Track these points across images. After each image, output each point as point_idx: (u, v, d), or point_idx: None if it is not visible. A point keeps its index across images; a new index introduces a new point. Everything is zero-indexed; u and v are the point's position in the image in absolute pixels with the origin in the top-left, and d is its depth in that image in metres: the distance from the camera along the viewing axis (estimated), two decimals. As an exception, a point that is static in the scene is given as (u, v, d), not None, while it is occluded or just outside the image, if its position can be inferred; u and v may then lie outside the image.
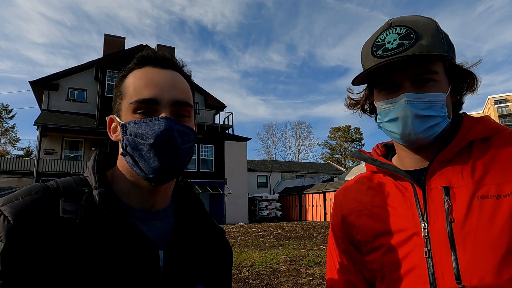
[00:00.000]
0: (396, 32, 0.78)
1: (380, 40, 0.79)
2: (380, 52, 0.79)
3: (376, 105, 0.85)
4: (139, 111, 0.71)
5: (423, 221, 0.77)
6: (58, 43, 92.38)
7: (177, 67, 0.79)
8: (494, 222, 0.69)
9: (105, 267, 0.64)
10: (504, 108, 73.01)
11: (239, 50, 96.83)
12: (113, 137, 0.78)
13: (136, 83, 0.73)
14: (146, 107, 0.71)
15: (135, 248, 0.68)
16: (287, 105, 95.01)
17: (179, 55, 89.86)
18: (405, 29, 0.77)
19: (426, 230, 0.76)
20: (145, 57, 0.76)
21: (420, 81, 0.77)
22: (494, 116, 71.13)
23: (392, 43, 0.77)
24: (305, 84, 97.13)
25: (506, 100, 73.47)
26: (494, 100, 74.43)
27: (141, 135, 0.69)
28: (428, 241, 0.75)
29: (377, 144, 1.00)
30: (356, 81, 0.84)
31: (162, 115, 0.70)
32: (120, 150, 0.74)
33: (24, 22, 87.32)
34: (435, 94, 0.77)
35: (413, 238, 0.78)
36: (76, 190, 0.70)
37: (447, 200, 0.75)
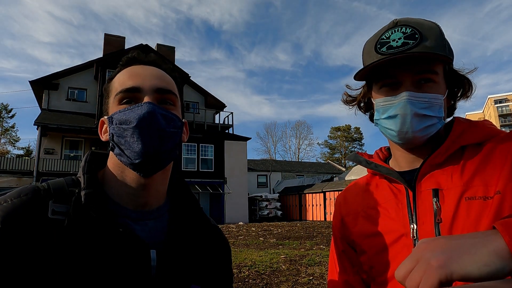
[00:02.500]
0: (401, 31, 0.79)
1: (385, 38, 0.80)
2: (384, 49, 0.79)
3: (374, 102, 0.86)
4: (124, 101, 0.73)
5: (413, 222, 0.78)
6: (64, 42, 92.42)
7: (161, 67, 0.81)
8: (480, 223, 0.70)
9: (94, 267, 0.64)
10: (504, 108, 72.87)
11: (245, 49, 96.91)
12: (103, 137, 0.78)
13: (121, 78, 0.76)
14: (130, 95, 0.73)
15: (125, 248, 0.68)
16: (291, 104, 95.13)
17: (186, 54, 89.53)
18: (410, 29, 0.78)
19: (414, 231, 0.77)
20: (130, 58, 0.79)
21: (421, 80, 0.78)
22: (494, 116, 71.04)
23: (397, 41, 0.78)
24: (310, 83, 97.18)
25: (506, 100, 73.38)
26: (494, 100, 74.32)
27: (125, 121, 0.70)
28: (416, 242, 0.76)
29: (381, 148, 1.01)
30: (358, 76, 0.85)
31: (145, 99, 0.72)
32: (110, 145, 0.75)
33: (31, 21, 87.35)
34: (434, 95, 0.78)
35: (401, 239, 0.79)
36: (66, 191, 0.70)
37: (435, 202, 0.76)
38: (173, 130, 0.73)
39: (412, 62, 0.77)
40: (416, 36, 0.77)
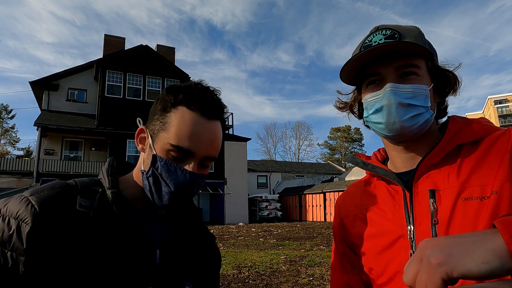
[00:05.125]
0: (382, 33, 0.83)
1: (368, 41, 0.84)
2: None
3: (363, 101, 0.88)
4: (172, 154, 0.78)
5: (410, 223, 0.79)
6: (67, 42, 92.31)
7: (221, 117, 0.84)
8: (477, 223, 0.70)
9: (109, 257, 0.72)
10: (504, 108, 72.87)
11: (248, 49, 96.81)
12: (138, 146, 0.86)
13: (182, 128, 0.77)
14: (181, 155, 0.78)
15: (137, 244, 0.77)
16: (293, 105, 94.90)
17: (188, 54, 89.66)
18: (390, 31, 0.82)
19: (412, 232, 0.78)
20: (198, 100, 0.79)
21: (403, 74, 0.81)
22: (494, 116, 71.01)
23: (378, 43, 0.81)
24: (312, 84, 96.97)
25: (506, 100, 73.39)
26: (494, 100, 74.32)
27: (165, 178, 0.78)
28: (413, 243, 0.77)
29: (379, 149, 1.02)
30: (343, 76, 0.87)
31: (190, 167, 0.78)
32: (142, 166, 0.82)
33: (34, 21, 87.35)
34: (418, 85, 0.80)
35: (399, 241, 0.79)
36: (91, 189, 0.80)
37: (432, 203, 0.76)
38: (198, 188, 0.83)
39: (393, 57, 0.80)
40: (396, 36, 0.81)
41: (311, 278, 5.80)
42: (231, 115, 27.26)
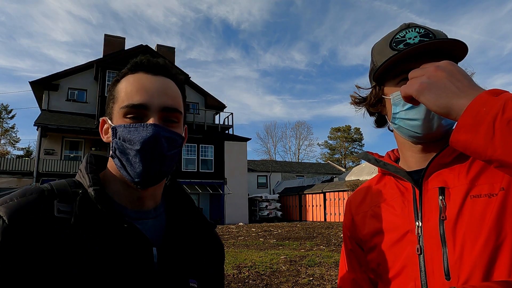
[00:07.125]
0: (416, 31, 0.83)
1: (400, 37, 0.83)
2: (401, 46, 0.82)
3: (390, 97, 0.86)
4: (129, 116, 0.74)
5: (418, 219, 0.80)
6: (81, 41, 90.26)
7: (169, 74, 0.81)
8: (484, 220, 0.71)
9: (100, 263, 0.66)
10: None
11: (261, 48, 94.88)
12: (104, 138, 0.81)
13: (128, 88, 0.76)
14: (136, 112, 0.74)
15: (130, 244, 0.71)
16: (302, 104, 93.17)
17: (201, 54, 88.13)
18: (423, 30, 0.83)
19: (419, 228, 0.79)
20: (138, 63, 0.79)
21: None
22: (494, 116, 70.75)
23: (414, 39, 0.81)
24: (323, 83, 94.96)
25: None
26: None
27: (129, 140, 0.72)
28: (420, 238, 0.78)
29: (393, 149, 1.02)
30: (378, 72, 0.85)
31: (151, 121, 0.73)
32: (110, 152, 0.77)
33: (50, 20, 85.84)
34: None
35: (406, 236, 0.81)
36: (69, 192, 0.72)
37: (441, 200, 0.78)
38: (174, 151, 0.76)
39: (430, 56, 0.79)
40: (430, 35, 0.81)
41: (311, 278, 5.81)
42: (231, 115, 27.28)
